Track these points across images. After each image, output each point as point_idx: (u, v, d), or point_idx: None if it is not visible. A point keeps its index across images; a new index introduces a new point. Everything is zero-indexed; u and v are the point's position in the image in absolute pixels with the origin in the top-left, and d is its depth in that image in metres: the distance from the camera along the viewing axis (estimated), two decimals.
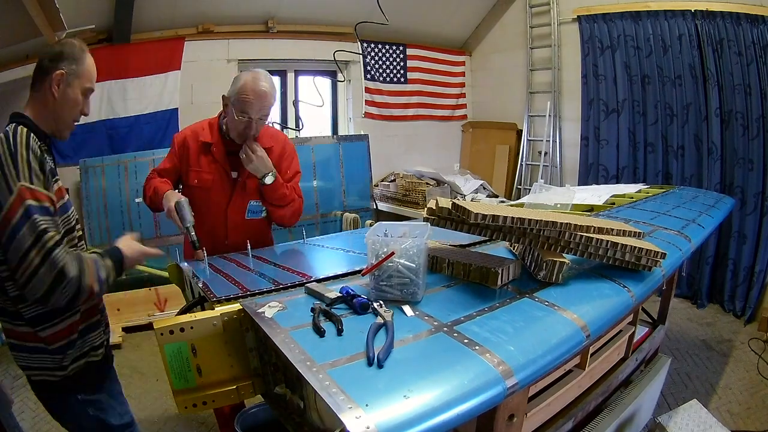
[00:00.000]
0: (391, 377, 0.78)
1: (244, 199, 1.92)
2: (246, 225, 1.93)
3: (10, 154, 1.10)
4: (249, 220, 1.94)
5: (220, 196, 1.90)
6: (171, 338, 1.01)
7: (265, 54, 4.31)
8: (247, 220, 1.94)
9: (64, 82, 1.24)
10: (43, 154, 1.17)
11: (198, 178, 1.88)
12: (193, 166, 1.88)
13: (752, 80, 3.41)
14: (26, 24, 2.79)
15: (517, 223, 1.16)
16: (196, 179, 1.88)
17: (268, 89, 1.78)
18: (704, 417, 2.06)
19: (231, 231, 1.92)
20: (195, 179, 1.88)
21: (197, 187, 1.89)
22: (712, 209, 2.29)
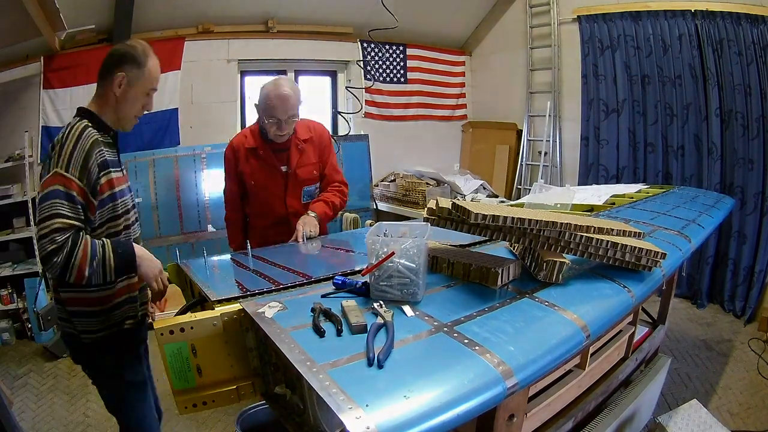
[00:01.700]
0: (391, 377, 0.78)
1: (297, 188, 2.18)
2: (305, 208, 2.18)
3: (60, 145, 1.27)
4: (306, 203, 2.20)
5: (277, 188, 2.16)
6: (171, 338, 1.01)
7: (265, 54, 4.32)
8: (304, 203, 2.20)
9: (126, 83, 1.37)
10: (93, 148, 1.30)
11: (253, 179, 2.14)
12: (247, 171, 2.14)
13: (752, 80, 3.41)
14: (26, 24, 2.79)
15: (517, 223, 1.16)
16: (252, 180, 2.15)
17: (289, 92, 1.99)
18: (704, 417, 2.06)
19: (292, 217, 2.14)
20: (251, 180, 2.15)
21: (255, 187, 2.15)
22: (712, 209, 2.29)
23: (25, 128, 3.46)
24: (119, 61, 1.35)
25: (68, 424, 2.48)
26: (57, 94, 3.57)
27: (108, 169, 1.35)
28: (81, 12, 3.32)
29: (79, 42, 3.60)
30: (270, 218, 2.19)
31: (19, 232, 3.49)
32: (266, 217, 2.19)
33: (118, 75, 1.35)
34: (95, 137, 1.31)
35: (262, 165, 2.13)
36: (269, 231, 2.18)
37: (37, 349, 3.30)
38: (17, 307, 3.42)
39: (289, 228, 2.14)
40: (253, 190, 2.17)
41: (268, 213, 2.18)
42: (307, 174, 2.19)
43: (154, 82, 1.43)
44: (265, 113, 2.01)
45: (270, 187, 2.15)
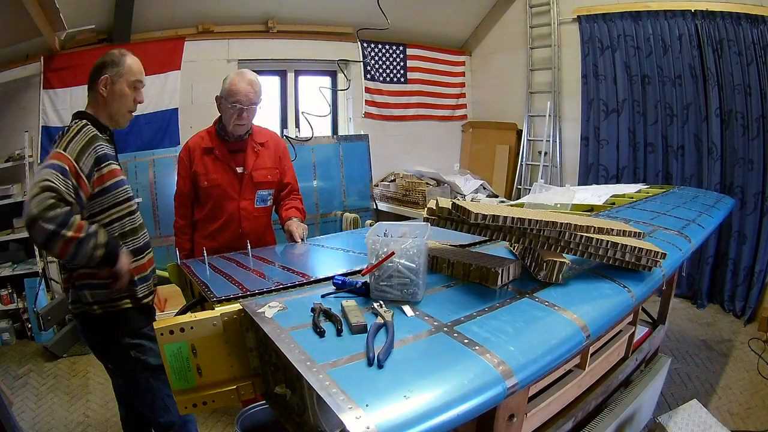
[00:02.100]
0: (391, 377, 0.78)
1: (252, 190, 2.16)
2: (257, 212, 2.19)
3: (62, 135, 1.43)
4: (259, 207, 2.20)
5: (231, 190, 2.13)
6: (171, 338, 1.01)
7: (265, 54, 4.31)
8: (257, 207, 2.19)
9: (109, 82, 1.53)
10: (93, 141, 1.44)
11: (207, 179, 2.11)
12: (201, 170, 2.11)
13: (752, 80, 3.41)
14: (26, 24, 2.79)
15: (517, 223, 1.16)
16: (206, 181, 2.11)
17: (253, 78, 2.05)
18: (704, 417, 2.06)
19: (245, 220, 2.15)
20: (204, 181, 2.11)
21: (208, 188, 2.12)
22: (712, 209, 2.29)
23: (25, 128, 3.46)
24: (100, 68, 1.54)
25: (68, 424, 2.49)
26: (57, 94, 3.57)
27: (109, 161, 1.48)
28: (81, 12, 3.32)
29: (79, 42, 3.59)
30: (221, 220, 2.14)
31: (19, 232, 3.49)
32: (217, 220, 2.15)
33: (101, 79, 1.52)
34: (95, 132, 1.46)
35: (217, 165, 2.11)
36: (219, 235, 2.15)
37: (37, 349, 3.30)
38: (17, 307, 3.42)
39: (239, 232, 2.13)
40: (205, 192, 2.13)
41: (220, 215, 2.14)
42: (263, 177, 2.17)
43: (135, 75, 1.58)
44: (228, 99, 2.01)
45: (224, 187, 2.11)
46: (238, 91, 1.99)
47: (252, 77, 2.04)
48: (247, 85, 2.01)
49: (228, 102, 2.01)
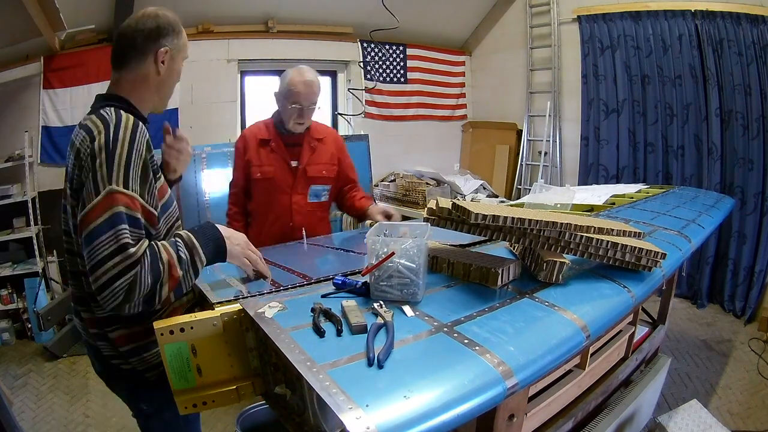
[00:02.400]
0: (391, 378, 0.78)
1: (305, 185, 2.16)
2: (308, 207, 2.18)
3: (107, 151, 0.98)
4: (312, 203, 2.19)
5: (283, 183, 2.13)
6: (171, 338, 1.01)
7: (265, 54, 4.32)
8: (309, 203, 2.18)
9: (169, 58, 1.17)
10: (149, 149, 1.06)
11: (260, 171, 2.11)
12: (255, 161, 2.12)
13: (752, 80, 3.41)
14: (26, 24, 2.79)
15: (517, 223, 1.16)
16: (259, 173, 2.12)
17: (313, 79, 2.03)
18: (704, 417, 2.06)
19: (296, 214, 2.15)
20: (258, 173, 2.12)
21: (261, 179, 2.12)
22: (712, 209, 2.29)
23: (25, 128, 3.46)
24: (157, 35, 1.14)
25: (68, 424, 2.49)
26: (57, 94, 3.57)
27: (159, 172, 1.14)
28: (81, 12, 3.32)
29: (79, 42, 3.60)
30: (272, 214, 2.16)
31: (19, 232, 3.49)
32: (268, 213, 2.16)
33: (161, 51, 1.14)
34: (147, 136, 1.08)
35: (272, 157, 2.12)
36: (270, 228, 2.15)
37: (37, 349, 3.30)
38: (17, 307, 3.42)
39: (290, 225, 2.13)
40: (258, 183, 2.14)
41: (271, 208, 2.16)
42: (317, 172, 2.17)
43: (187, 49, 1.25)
44: (287, 99, 2.01)
45: (277, 181, 2.12)
46: (299, 92, 1.99)
47: (311, 77, 2.03)
48: (306, 87, 2.00)
49: (287, 102, 2.02)
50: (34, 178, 3.52)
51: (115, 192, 0.96)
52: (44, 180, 3.63)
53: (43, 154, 3.60)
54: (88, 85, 3.62)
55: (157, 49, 1.15)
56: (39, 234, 3.50)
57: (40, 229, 3.52)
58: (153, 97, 1.20)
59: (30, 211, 3.42)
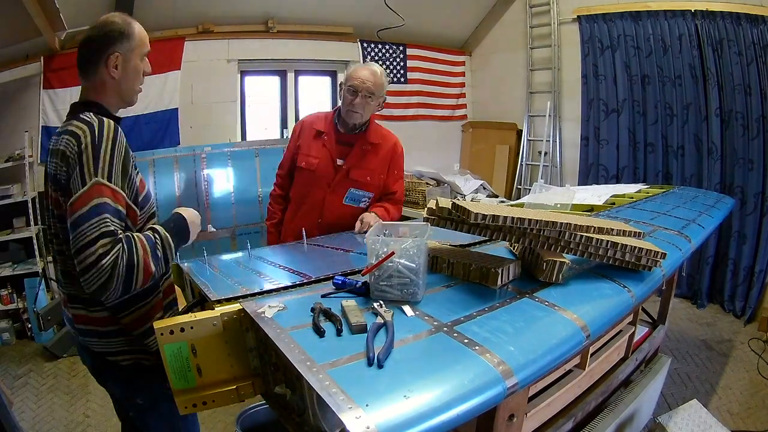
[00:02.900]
0: (391, 377, 0.78)
1: (344, 185, 2.12)
2: (341, 209, 2.13)
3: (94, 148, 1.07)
4: (345, 205, 2.14)
5: (323, 179, 2.10)
6: (171, 338, 1.01)
7: (265, 54, 4.32)
8: (343, 204, 2.14)
9: (122, 61, 1.23)
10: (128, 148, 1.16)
11: (305, 161, 2.11)
12: (304, 150, 2.12)
13: (752, 80, 3.41)
14: (26, 24, 2.79)
15: (517, 223, 1.16)
16: (304, 162, 2.11)
17: (377, 69, 2.03)
18: (704, 417, 2.06)
19: (326, 211, 2.13)
20: (303, 161, 2.11)
21: (304, 169, 2.11)
22: (712, 209, 2.29)
23: (25, 128, 3.46)
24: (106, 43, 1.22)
25: (68, 424, 2.49)
26: (57, 94, 3.57)
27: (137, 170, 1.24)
28: (81, 12, 3.32)
29: (80, 42, 3.60)
30: (305, 205, 2.15)
31: (19, 232, 3.49)
32: (302, 203, 2.16)
33: (111, 57, 1.21)
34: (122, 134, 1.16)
35: (321, 150, 2.10)
36: (301, 218, 2.13)
37: (37, 349, 3.30)
38: (17, 307, 3.42)
39: (318, 222, 2.12)
40: (300, 172, 2.13)
41: (305, 200, 2.15)
42: (360, 177, 2.11)
43: (146, 45, 1.30)
44: (346, 82, 2.01)
45: (318, 174, 2.10)
46: (358, 75, 1.98)
47: (376, 68, 2.03)
48: (367, 72, 1.99)
49: (345, 85, 2.02)
50: (34, 178, 3.52)
51: (100, 184, 1.06)
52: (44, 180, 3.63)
53: (43, 154, 3.60)
54: None
55: (108, 56, 1.21)
56: (39, 234, 3.50)
57: (40, 229, 3.52)
58: (115, 98, 1.27)
59: (30, 211, 3.42)
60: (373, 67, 2.03)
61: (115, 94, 1.26)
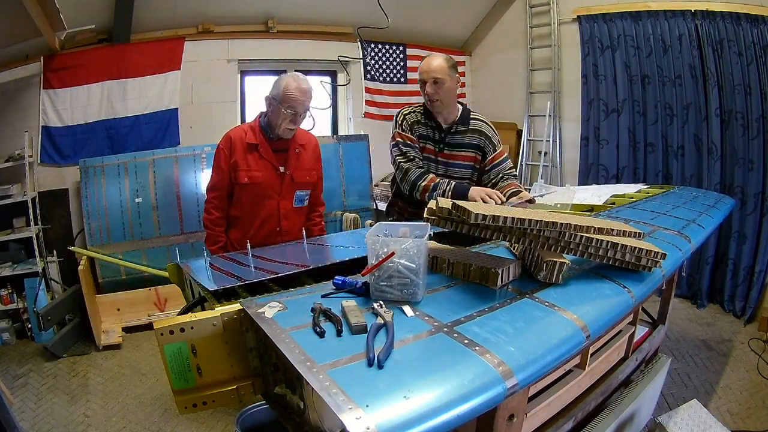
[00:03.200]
0: (391, 378, 0.78)
1: (291, 190, 2.19)
2: (295, 212, 2.22)
3: None
4: (296, 207, 2.23)
5: (271, 189, 2.14)
6: (171, 338, 1.01)
7: (265, 54, 4.32)
8: (294, 207, 2.22)
9: None
10: None
11: (248, 176, 2.10)
12: (242, 166, 2.09)
13: (752, 80, 3.41)
14: (26, 24, 2.79)
15: (517, 223, 1.16)
16: (247, 177, 2.10)
17: (309, 87, 2.07)
18: (704, 417, 2.06)
19: (283, 219, 2.18)
20: (245, 178, 2.10)
21: (249, 185, 2.11)
22: (712, 209, 2.28)
23: (25, 128, 3.46)
24: None
25: (68, 424, 2.49)
26: (57, 94, 3.57)
27: None
28: (81, 12, 3.32)
29: (79, 42, 3.60)
30: (258, 219, 2.16)
31: (19, 232, 3.49)
32: (254, 219, 2.15)
33: None
34: None
35: (260, 163, 2.11)
36: (256, 232, 2.14)
37: (37, 349, 3.30)
38: (17, 307, 3.42)
39: (276, 230, 2.16)
40: (245, 188, 2.12)
41: (258, 213, 2.15)
42: (302, 178, 2.21)
43: None
44: (283, 104, 2.02)
45: (265, 186, 2.12)
46: (296, 98, 2.01)
47: (306, 85, 2.06)
48: (302, 93, 2.03)
49: (283, 106, 2.02)
50: (34, 178, 3.52)
51: None
52: (44, 180, 3.63)
53: (43, 154, 3.61)
54: (88, 85, 3.63)
55: None
56: (39, 234, 3.50)
57: (40, 229, 3.52)
58: None
59: (30, 211, 3.42)
60: (303, 85, 2.04)
61: None
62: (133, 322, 3.55)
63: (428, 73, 2.12)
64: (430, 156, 2.24)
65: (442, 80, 2.11)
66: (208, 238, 2.19)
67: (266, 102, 2.11)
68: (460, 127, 2.23)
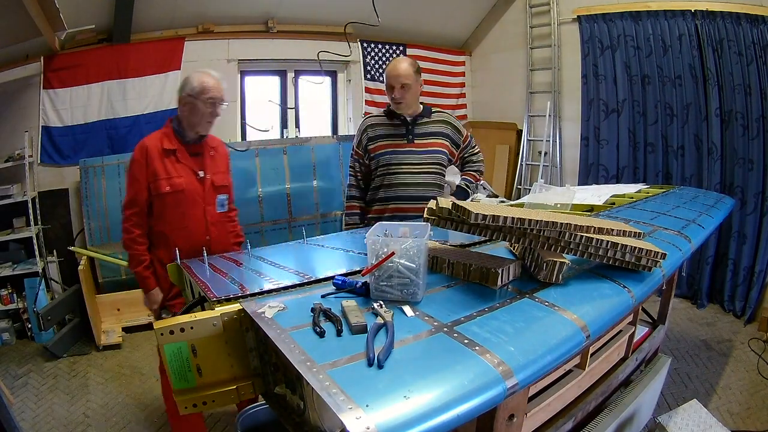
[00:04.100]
0: (391, 378, 0.78)
1: (213, 194, 2.09)
2: (219, 218, 2.12)
3: None
4: (220, 213, 2.13)
5: (195, 195, 2.03)
6: (171, 338, 1.01)
7: (265, 54, 4.32)
8: (218, 213, 2.12)
9: None
10: None
11: (170, 184, 1.97)
12: (162, 174, 1.96)
13: (752, 80, 3.41)
14: (26, 24, 2.79)
15: (517, 223, 1.16)
16: (168, 186, 1.96)
17: (219, 76, 2.03)
18: (704, 417, 2.06)
19: (211, 226, 2.07)
20: (167, 186, 1.96)
21: (170, 193, 1.97)
22: (712, 209, 2.28)
23: (25, 128, 3.47)
24: None
25: (68, 424, 2.49)
26: (57, 94, 3.57)
27: None
28: (81, 12, 3.32)
29: (79, 42, 3.60)
30: (185, 230, 2.00)
31: (19, 232, 3.49)
32: (180, 230, 1.99)
33: None
34: None
35: (179, 168, 1.99)
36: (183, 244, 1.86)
37: (37, 349, 3.30)
38: (17, 307, 3.42)
39: (205, 239, 2.01)
40: (167, 198, 1.97)
41: (183, 224, 2.00)
42: (221, 181, 2.12)
43: None
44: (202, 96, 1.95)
45: (188, 193, 2.00)
46: (213, 87, 1.97)
47: (218, 75, 2.04)
48: (217, 82, 2.00)
49: (202, 99, 1.95)
50: (34, 178, 3.52)
51: None
52: (44, 180, 3.63)
53: (43, 154, 3.61)
54: (88, 85, 3.63)
55: None
56: (39, 234, 3.50)
57: (40, 229, 3.52)
58: None
59: (30, 211, 3.42)
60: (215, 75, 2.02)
61: None
62: (133, 322, 3.55)
63: (396, 78, 2.24)
64: (401, 150, 2.32)
65: (409, 85, 2.25)
66: (131, 260, 2.04)
67: (179, 103, 2.01)
68: (425, 118, 2.38)
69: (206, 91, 1.96)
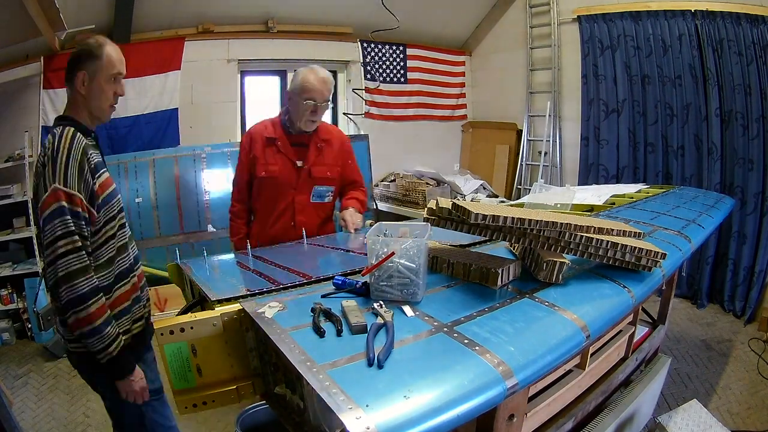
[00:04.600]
0: (391, 378, 0.78)
1: (309, 185, 2.17)
2: (312, 207, 2.20)
3: (52, 157, 1.24)
4: (314, 203, 2.20)
5: (287, 183, 2.14)
6: (171, 338, 1.01)
7: (265, 54, 4.31)
8: (312, 203, 2.19)
9: (87, 79, 1.36)
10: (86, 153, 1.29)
11: (265, 170, 2.12)
12: (260, 159, 2.13)
13: (752, 80, 3.41)
14: (26, 24, 2.79)
15: (517, 223, 1.16)
16: (264, 171, 2.12)
17: (326, 76, 2.06)
18: (704, 417, 2.06)
19: (298, 213, 2.16)
20: (263, 171, 2.13)
21: (266, 178, 2.13)
22: (712, 209, 2.28)
23: (25, 128, 3.46)
24: (76, 62, 1.36)
25: (68, 424, 2.49)
26: (57, 94, 3.57)
27: (99, 170, 1.34)
28: (81, 12, 3.32)
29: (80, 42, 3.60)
30: (275, 212, 2.17)
31: (19, 232, 3.49)
32: (271, 212, 2.17)
33: (78, 75, 1.36)
34: (85, 142, 1.30)
35: (277, 156, 2.13)
36: (272, 226, 2.16)
37: (37, 349, 3.30)
38: (17, 307, 3.42)
39: (291, 224, 2.15)
40: (262, 181, 2.15)
41: (274, 207, 2.16)
42: (322, 173, 2.18)
43: (115, 67, 1.41)
44: (302, 96, 2.01)
45: (281, 180, 2.13)
46: (314, 88, 2.00)
47: (325, 75, 2.06)
48: (321, 83, 2.02)
49: (301, 98, 2.02)
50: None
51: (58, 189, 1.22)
52: None
53: None
54: None
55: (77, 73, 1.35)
56: (39, 234, 3.50)
57: None
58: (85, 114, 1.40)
59: (30, 211, 3.42)
60: (322, 74, 2.04)
61: (84, 110, 1.40)
62: None
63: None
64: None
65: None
66: (231, 230, 2.31)
67: (287, 96, 2.12)
68: None
69: (305, 91, 2.01)
